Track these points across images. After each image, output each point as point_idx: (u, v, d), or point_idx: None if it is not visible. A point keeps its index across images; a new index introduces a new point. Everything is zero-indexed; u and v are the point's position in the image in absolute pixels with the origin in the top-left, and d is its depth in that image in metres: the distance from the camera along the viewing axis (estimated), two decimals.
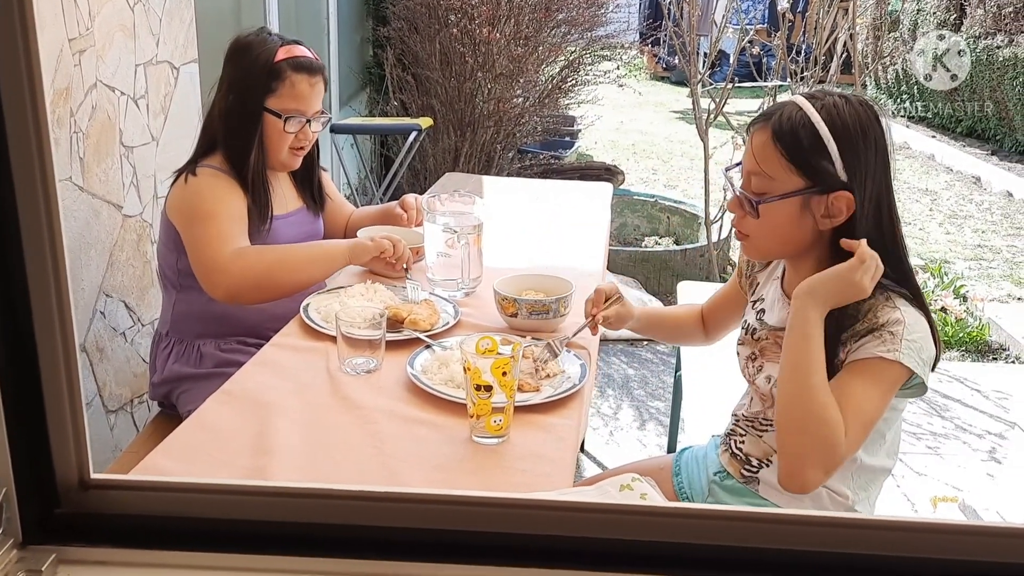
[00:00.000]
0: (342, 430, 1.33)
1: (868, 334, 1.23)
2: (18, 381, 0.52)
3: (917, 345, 1.22)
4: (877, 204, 1.27)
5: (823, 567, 0.58)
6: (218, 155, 1.83)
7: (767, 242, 1.36)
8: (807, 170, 1.26)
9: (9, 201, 0.49)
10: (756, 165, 1.30)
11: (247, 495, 0.59)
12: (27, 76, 0.48)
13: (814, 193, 1.26)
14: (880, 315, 1.23)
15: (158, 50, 2.51)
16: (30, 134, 0.49)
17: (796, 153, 1.26)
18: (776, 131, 1.27)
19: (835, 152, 1.24)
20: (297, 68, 1.82)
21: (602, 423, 3.11)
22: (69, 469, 0.55)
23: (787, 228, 1.30)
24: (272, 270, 1.74)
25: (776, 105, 1.32)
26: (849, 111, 1.26)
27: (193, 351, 1.88)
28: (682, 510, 0.64)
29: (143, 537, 0.55)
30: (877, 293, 1.25)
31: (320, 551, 0.57)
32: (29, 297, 0.50)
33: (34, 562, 0.54)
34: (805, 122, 1.25)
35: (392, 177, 4.59)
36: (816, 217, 1.28)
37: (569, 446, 1.34)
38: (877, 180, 1.27)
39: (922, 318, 1.26)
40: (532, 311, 1.65)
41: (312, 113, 1.86)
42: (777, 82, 4.32)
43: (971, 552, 0.61)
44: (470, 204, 1.93)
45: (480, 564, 0.64)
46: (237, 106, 1.82)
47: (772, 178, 1.28)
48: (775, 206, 1.29)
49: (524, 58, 4.75)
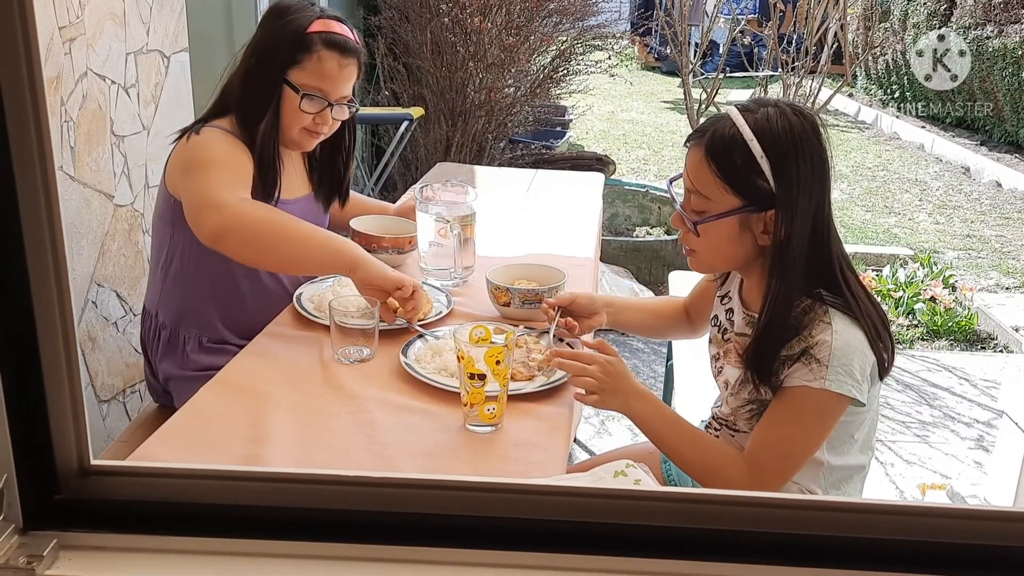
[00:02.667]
0: (336, 419, 1.34)
1: (799, 359, 1.22)
2: (19, 368, 0.53)
3: (847, 367, 1.20)
4: (814, 219, 1.24)
5: (816, 550, 0.59)
6: (229, 118, 1.70)
7: (711, 258, 1.35)
8: (741, 189, 1.24)
9: (9, 190, 0.49)
10: (692, 184, 1.28)
11: (245, 481, 0.59)
12: (26, 66, 0.48)
13: (750, 212, 1.25)
14: (814, 333, 1.23)
15: (148, 39, 2.49)
16: (30, 124, 0.49)
17: (729, 172, 1.24)
18: (708, 149, 1.25)
19: (767, 169, 1.22)
20: (329, 44, 1.67)
21: (593, 412, 3.13)
22: (69, 455, 0.55)
23: (728, 246, 1.29)
24: (268, 228, 1.54)
25: (711, 120, 1.30)
26: (782, 124, 1.22)
27: (178, 343, 1.77)
28: (676, 495, 0.65)
29: (142, 522, 0.56)
30: (816, 306, 1.24)
31: (318, 536, 0.58)
32: (29, 285, 0.50)
33: (35, 547, 0.54)
34: (737, 139, 1.22)
35: (383, 167, 4.57)
36: (756, 234, 1.27)
37: (562, 435, 1.35)
38: (814, 195, 1.24)
39: (856, 331, 1.23)
40: (525, 300, 1.65)
41: (337, 97, 1.71)
42: (768, 72, 4.33)
43: (958, 535, 0.62)
44: (462, 194, 1.93)
45: (475, 548, 0.65)
46: (257, 70, 1.68)
47: (708, 198, 1.27)
48: (713, 225, 1.28)
49: (515, 48, 4.74)
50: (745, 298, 1.40)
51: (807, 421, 1.23)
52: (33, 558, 0.54)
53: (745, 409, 1.35)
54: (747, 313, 1.38)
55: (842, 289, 1.26)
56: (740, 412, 1.37)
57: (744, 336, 1.37)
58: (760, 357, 1.27)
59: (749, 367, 1.29)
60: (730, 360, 1.40)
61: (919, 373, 3.53)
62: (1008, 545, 0.60)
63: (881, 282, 4.27)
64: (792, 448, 1.23)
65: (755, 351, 1.28)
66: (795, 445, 1.23)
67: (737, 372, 1.36)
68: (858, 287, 1.28)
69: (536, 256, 1.92)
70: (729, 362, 1.40)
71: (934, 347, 3.81)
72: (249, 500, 0.57)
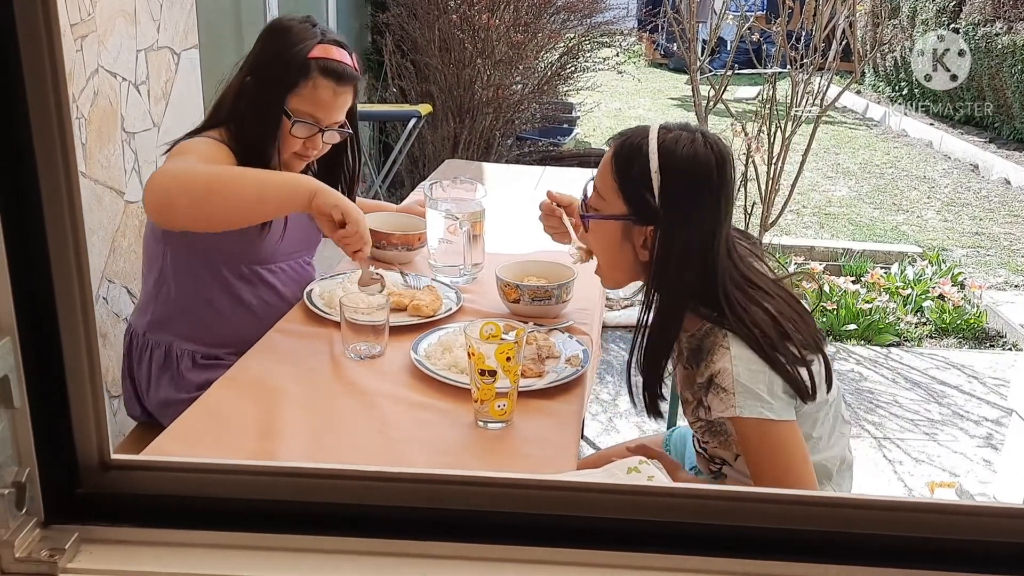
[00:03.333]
0: (347, 414, 1.34)
1: (711, 388, 1.24)
2: (41, 364, 0.53)
3: (750, 390, 1.20)
4: (699, 245, 1.25)
5: (833, 545, 0.60)
6: (221, 129, 1.67)
7: (600, 259, 1.38)
8: (630, 198, 1.28)
9: (32, 186, 0.50)
10: (596, 181, 1.34)
11: (266, 475, 0.60)
12: (49, 62, 0.48)
13: (632, 221, 1.28)
14: (715, 359, 1.24)
15: (159, 36, 2.50)
16: (52, 119, 0.50)
17: (624, 179, 1.28)
18: (616, 153, 1.30)
19: (656, 186, 1.24)
20: (326, 72, 1.64)
21: (601, 409, 3.13)
22: (90, 450, 0.56)
23: (610, 249, 1.33)
24: (215, 183, 1.48)
25: (634, 128, 1.33)
26: (687, 151, 1.24)
27: (173, 366, 1.72)
28: (692, 491, 0.65)
29: (163, 516, 0.56)
30: (715, 331, 1.25)
31: (338, 531, 0.59)
32: (52, 280, 0.51)
33: (57, 541, 0.55)
34: (642, 150, 1.26)
35: (391, 164, 4.58)
36: (635, 246, 1.29)
37: (572, 431, 1.35)
38: (704, 224, 1.25)
39: (747, 351, 1.22)
40: (534, 297, 1.66)
41: (329, 123, 1.68)
42: (776, 69, 4.32)
43: (965, 531, 0.63)
44: (471, 191, 1.94)
45: (488, 543, 0.65)
46: (254, 90, 1.65)
47: (603, 198, 1.32)
48: (600, 224, 1.33)
49: (523, 44, 4.74)
50: None
51: (760, 447, 1.23)
52: (55, 551, 0.54)
53: (697, 425, 1.37)
54: None
55: (730, 317, 1.25)
56: (695, 426, 1.38)
57: None
58: (641, 368, 1.31)
59: (640, 373, 1.33)
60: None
61: (927, 371, 3.52)
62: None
63: (890, 279, 4.26)
64: (776, 477, 1.22)
65: (638, 360, 1.32)
66: (776, 475, 1.22)
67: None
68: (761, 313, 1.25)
69: (545, 253, 1.92)
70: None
71: (943, 345, 3.80)
72: (269, 495, 0.58)
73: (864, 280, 4.29)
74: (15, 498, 0.53)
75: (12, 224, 0.52)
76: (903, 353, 3.66)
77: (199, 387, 1.60)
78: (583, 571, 0.63)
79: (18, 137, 0.52)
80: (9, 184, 0.52)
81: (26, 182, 0.51)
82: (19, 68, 0.51)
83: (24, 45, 0.50)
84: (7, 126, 0.52)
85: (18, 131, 0.52)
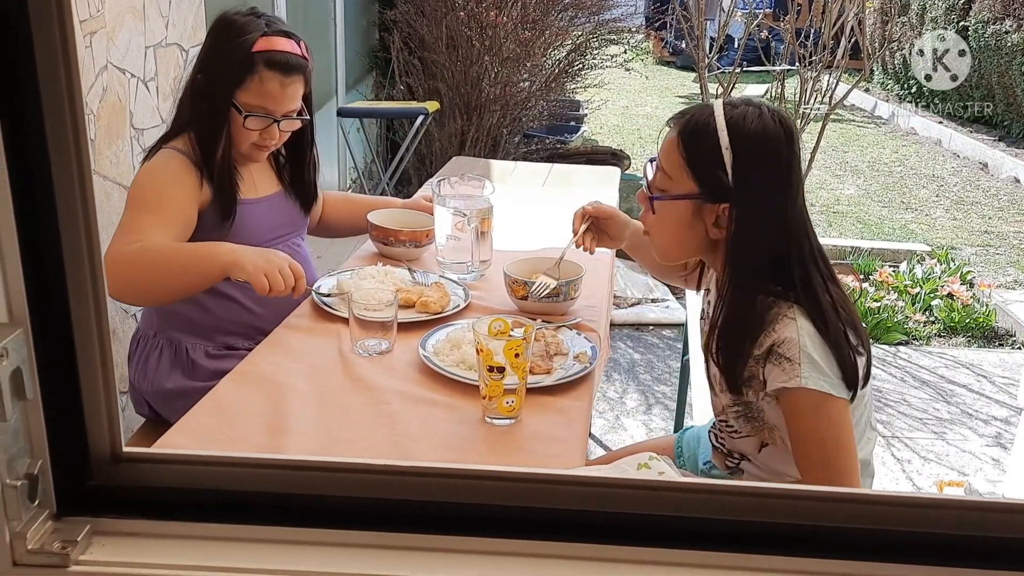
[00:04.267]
0: (355, 410, 1.34)
1: (769, 359, 1.22)
2: (53, 357, 0.53)
3: (815, 362, 1.20)
4: (773, 221, 1.25)
5: (842, 541, 0.59)
6: (185, 136, 1.70)
7: (663, 241, 1.36)
8: (701, 176, 1.26)
9: (46, 178, 0.50)
10: (661, 162, 1.32)
11: (277, 469, 0.60)
12: (63, 55, 0.48)
13: (704, 200, 1.27)
14: (778, 328, 1.22)
15: (167, 32, 2.51)
16: (65, 112, 0.50)
17: (694, 157, 1.27)
18: (682, 132, 1.28)
19: (728, 163, 1.23)
20: (270, 64, 1.65)
21: (608, 407, 3.13)
22: (102, 442, 0.56)
23: (679, 230, 1.31)
24: (146, 272, 1.57)
25: (695, 106, 1.32)
26: (756, 125, 1.24)
27: (184, 357, 1.75)
28: (702, 486, 0.65)
29: (175, 509, 0.57)
30: (780, 303, 1.24)
31: (347, 524, 0.58)
32: (65, 273, 0.51)
33: (69, 533, 0.55)
34: (710, 127, 1.25)
35: (399, 161, 4.58)
36: (707, 225, 1.28)
37: (580, 427, 1.35)
38: (775, 200, 1.25)
39: (812, 327, 1.22)
40: (543, 294, 1.65)
41: (282, 113, 1.70)
42: (785, 66, 4.31)
43: (976, 527, 0.62)
44: (479, 188, 1.93)
45: (499, 537, 0.65)
46: (204, 89, 1.68)
47: (671, 178, 1.30)
48: (669, 206, 1.31)
49: (531, 42, 4.74)
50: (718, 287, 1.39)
51: (819, 423, 1.21)
52: (67, 543, 0.54)
53: (732, 409, 1.35)
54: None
55: (801, 293, 1.24)
56: (729, 411, 1.36)
57: None
58: (720, 349, 1.28)
59: (709, 357, 1.31)
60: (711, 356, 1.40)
61: (936, 370, 3.51)
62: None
63: (898, 278, 4.24)
64: (825, 454, 1.20)
65: (715, 342, 1.29)
66: (826, 450, 1.20)
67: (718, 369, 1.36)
68: (827, 296, 1.26)
69: (553, 250, 1.92)
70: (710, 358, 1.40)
71: (951, 344, 3.78)
72: (280, 488, 0.58)
73: (872, 279, 4.27)
74: (27, 490, 0.53)
75: (26, 216, 0.52)
76: (912, 352, 3.65)
77: (213, 375, 1.63)
78: (595, 566, 0.63)
79: (32, 129, 0.52)
80: (23, 176, 0.52)
81: (39, 173, 0.51)
82: (33, 62, 0.51)
83: (38, 39, 0.51)
84: (22, 117, 0.52)
85: (32, 122, 0.52)
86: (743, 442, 1.39)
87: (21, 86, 0.51)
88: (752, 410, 1.31)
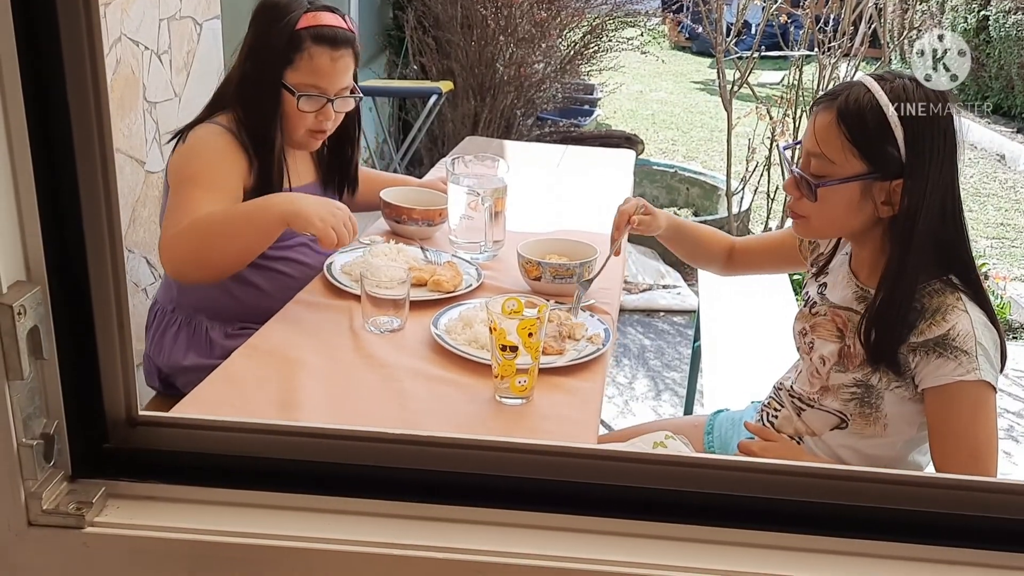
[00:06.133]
0: (366, 387, 1.34)
1: (938, 352, 1.20)
2: (71, 316, 0.53)
3: (989, 354, 1.19)
4: (942, 196, 1.23)
5: (865, 520, 0.59)
6: (228, 115, 1.66)
7: (824, 224, 1.32)
8: (870, 155, 1.22)
9: (66, 137, 0.49)
10: (817, 146, 1.26)
11: (291, 435, 0.59)
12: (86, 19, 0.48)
13: (876, 179, 1.23)
14: (948, 319, 1.20)
15: (181, 5, 2.49)
16: (87, 73, 0.49)
17: (860, 136, 1.22)
18: (842, 112, 1.23)
19: (901, 138, 1.21)
20: (318, 39, 1.62)
21: (617, 392, 3.12)
22: (118, 405, 0.55)
23: (845, 213, 1.27)
24: (203, 243, 1.52)
25: (843, 85, 1.28)
26: (919, 95, 1.21)
27: (202, 335, 1.73)
28: (720, 461, 0.64)
29: (189, 473, 0.56)
30: (946, 291, 1.23)
31: (359, 492, 0.58)
32: (83, 232, 0.51)
33: (84, 494, 0.55)
34: (872, 104, 1.21)
35: (411, 141, 4.57)
36: (876, 203, 1.25)
37: (592, 408, 1.35)
38: (944, 171, 1.22)
39: (983, 316, 1.22)
40: (556, 275, 1.65)
41: (336, 91, 1.66)
42: (803, 53, 4.26)
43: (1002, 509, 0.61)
44: (493, 167, 1.92)
45: (509, 509, 0.64)
46: (253, 74, 1.65)
47: (832, 161, 1.24)
48: (834, 190, 1.25)
49: (546, 23, 4.70)
50: (856, 270, 1.36)
51: (977, 416, 1.19)
52: (82, 505, 0.54)
53: (847, 391, 1.32)
54: (860, 287, 1.34)
55: (970, 269, 1.25)
56: (840, 392, 1.33)
57: (848, 310, 1.34)
58: (881, 334, 1.25)
59: (865, 344, 1.27)
60: (821, 334, 1.37)
61: None
62: None
63: None
64: (976, 447, 1.19)
65: (875, 326, 1.25)
66: (978, 444, 1.19)
67: (834, 347, 1.34)
68: (977, 272, 1.27)
69: (566, 232, 1.91)
70: (820, 336, 1.37)
71: None
72: (294, 455, 0.58)
73: None
74: (43, 450, 0.53)
75: (44, 175, 0.51)
76: None
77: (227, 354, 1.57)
78: (607, 539, 0.62)
79: (52, 89, 0.51)
80: (42, 135, 0.51)
81: (59, 133, 0.50)
82: (56, 27, 0.50)
83: (61, 8, 0.50)
84: (42, 78, 0.51)
85: (53, 82, 0.51)
86: (818, 418, 1.37)
87: (44, 53, 0.51)
88: (872, 395, 1.29)
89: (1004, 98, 7.32)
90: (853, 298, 1.35)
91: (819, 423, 1.38)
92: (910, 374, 1.24)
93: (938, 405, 1.22)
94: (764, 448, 1.35)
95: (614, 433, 1.69)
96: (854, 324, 1.31)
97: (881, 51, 4.65)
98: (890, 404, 1.28)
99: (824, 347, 1.35)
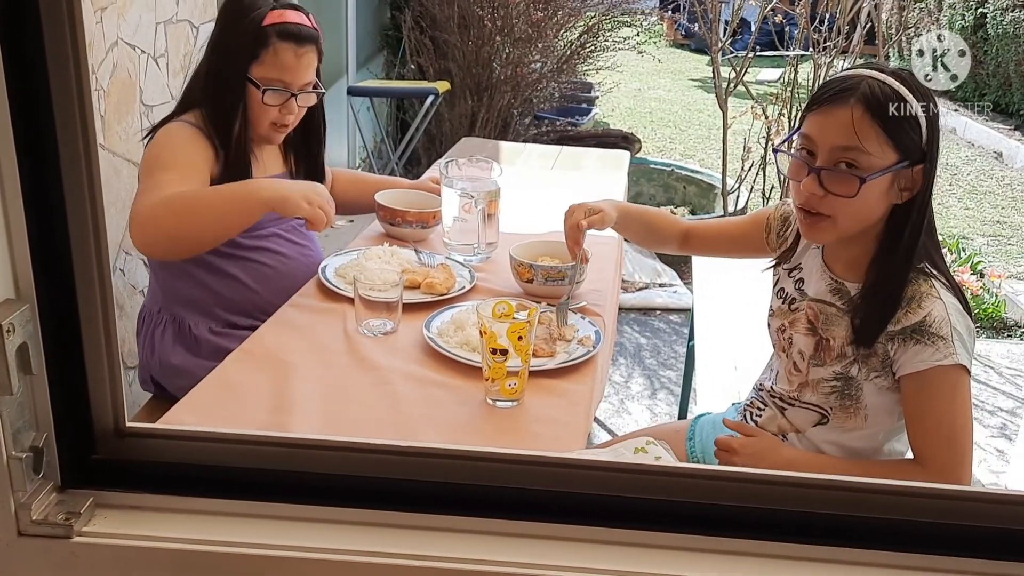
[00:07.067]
0: (359, 390, 1.35)
1: (915, 338, 1.22)
2: (59, 332, 0.54)
3: (963, 338, 1.22)
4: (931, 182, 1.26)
5: (834, 528, 0.60)
6: (196, 112, 1.71)
7: (852, 221, 1.28)
8: (901, 143, 1.23)
9: (52, 155, 0.50)
10: (857, 140, 1.23)
11: (278, 446, 0.60)
12: (70, 30, 0.49)
13: (905, 167, 1.24)
14: (924, 305, 1.23)
15: (178, 9, 2.50)
16: (72, 88, 0.50)
17: (892, 126, 1.23)
18: (871, 104, 1.23)
19: (924, 124, 1.23)
20: (283, 35, 1.67)
21: (613, 391, 3.14)
22: (106, 416, 0.57)
23: (876, 204, 1.26)
24: (181, 218, 1.55)
25: (850, 79, 1.25)
26: (921, 83, 1.25)
27: (187, 334, 1.75)
28: (694, 470, 0.65)
29: (176, 484, 0.58)
30: (920, 279, 1.25)
31: (348, 502, 0.59)
32: (71, 250, 0.52)
33: (73, 505, 0.56)
34: (896, 94, 1.22)
35: (408, 141, 4.58)
36: (898, 191, 1.26)
37: (582, 411, 1.36)
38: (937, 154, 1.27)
39: (956, 301, 1.25)
40: (548, 277, 1.66)
41: (299, 86, 1.71)
42: (799, 51, 4.27)
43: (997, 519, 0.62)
44: (487, 170, 1.93)
45: (495, 519, 0.66)
46: (219, 68, 1.70)
47: (870, 153, 1.23)
48: (877, 182, 1.24)
49: (543, 22, 4.70)
50: (830, 263, 1.37)
51: (955, 399, 1.22)
52: (71, 515, 0.55)
53: (828, 384, 1.33)
54: (835, 279, 1.35)
55: (941, 263, 1.28)
56: (820, 386, 1.34)
57: (822, 303, 1.35)
58: (865, 323, 1.27)
59: (852, 335, 1.29)
60: (799, 329, 1.38)
61: None
62: None
63: None
64: (953, 430, 1.22)
65: (861, 316, 1.27)
66: (955, 427, 1.22)
67: (810, 341, 1.35)
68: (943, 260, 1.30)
69: (560, 233, 1.92)
70: (799, 331, 1.38)
71: None
72: (281, 465, 0.59)
73: None
74: (32, 462, 0.54)
75: (32, 193, 0.52)
76: None
77: (216, 352, 1.64)
78: (592, 548, 0.64)
79: (38, 106, 0.52)
80: (29, 153, 0.52)
81: (45, 151, 0.52)
82: (40, 37, 0.52)
83: (45, 15, 0.51)
84: (28, 96, 0.52)
85: (38, 100, 0.52)
86: (801, 415, 1.39)
87: (29, 64, 0.52)
88: (851, 387, 1.31)
89: (1002, 95, 7.31)
90: (827, 291, 1.36)
91: (802, 420, 1.39)
92: (888, 362, 1.26)
93: (916, 390, 1.24)
94: (744, 444, 1.36)
95: (598, 445, 1.71)
96: (826, 317, 1.33)
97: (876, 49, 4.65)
98: (870, 395, 1.30)
99: (802, 342, 1.37)
